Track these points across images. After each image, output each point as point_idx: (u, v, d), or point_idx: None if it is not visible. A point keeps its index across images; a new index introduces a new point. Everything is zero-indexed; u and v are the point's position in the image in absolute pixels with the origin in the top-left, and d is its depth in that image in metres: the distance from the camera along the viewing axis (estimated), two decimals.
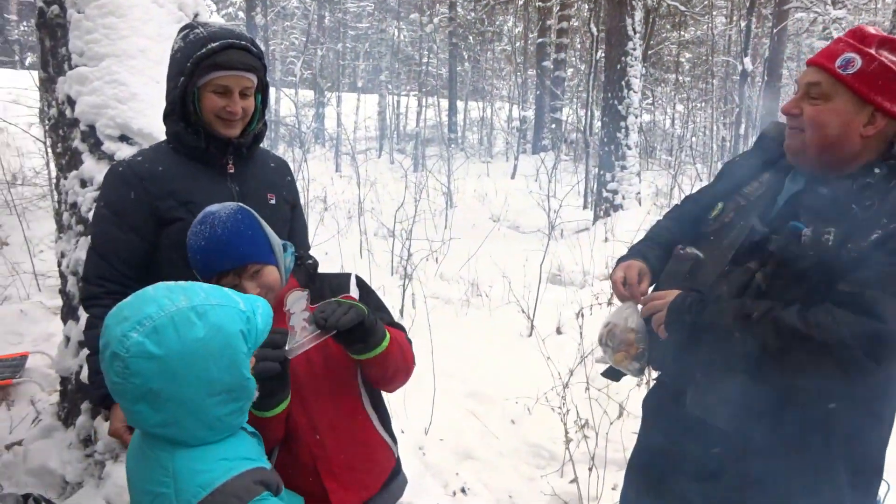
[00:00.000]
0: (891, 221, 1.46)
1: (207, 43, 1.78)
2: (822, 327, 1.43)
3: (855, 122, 1.55)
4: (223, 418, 1.29)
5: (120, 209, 1.86)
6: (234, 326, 1.26)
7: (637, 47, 9.74)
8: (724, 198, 1.82)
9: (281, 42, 24.44)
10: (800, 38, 20.35)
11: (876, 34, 1.57)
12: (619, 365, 1.82)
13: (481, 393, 4.16)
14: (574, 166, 16.28)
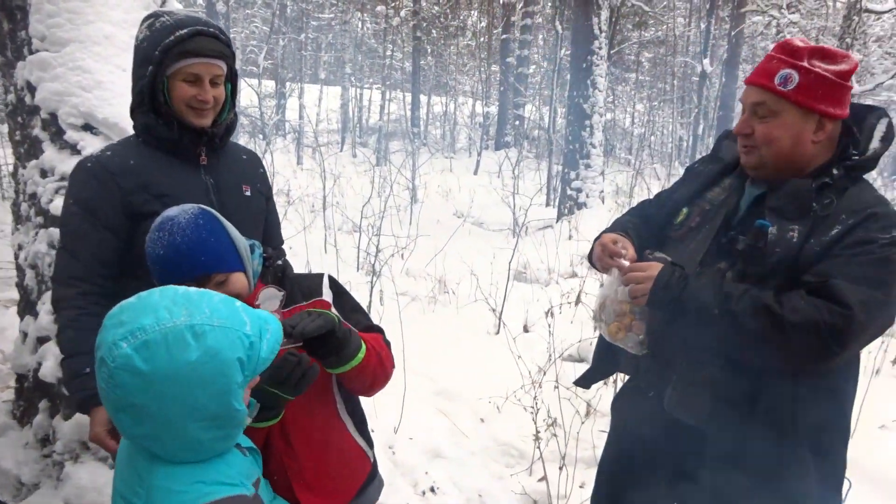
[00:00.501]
0: (849, 217, 1.57)
1: (175, 30, 1.73)
2: (796, 310, 1.52)
3: (805, 132, 1.65)
4: (205, 443, 1.22)
5: (91, 206, 1.79)
6: (231, 353, 1.18)
7: (603, 46, 9.84)
8: (687, 203, 1.89)
9: (242, 30, 23.95)
10: (755, 41, 20.85)
11: (804, 46, 1.66)
12: (615, 339, 1.80)
13: (451, 391, 4.15)
14: (536, 163, 16.39)
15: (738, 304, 1.56)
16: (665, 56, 21.84)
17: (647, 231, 1.98)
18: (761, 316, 1.54)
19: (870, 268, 1.53)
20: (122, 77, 2.81)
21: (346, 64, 22.00)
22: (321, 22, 23.97)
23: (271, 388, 1.46)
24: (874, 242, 1.54)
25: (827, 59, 1.65)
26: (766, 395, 1.64)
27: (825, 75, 1.62)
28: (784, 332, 1.52)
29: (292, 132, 18.29)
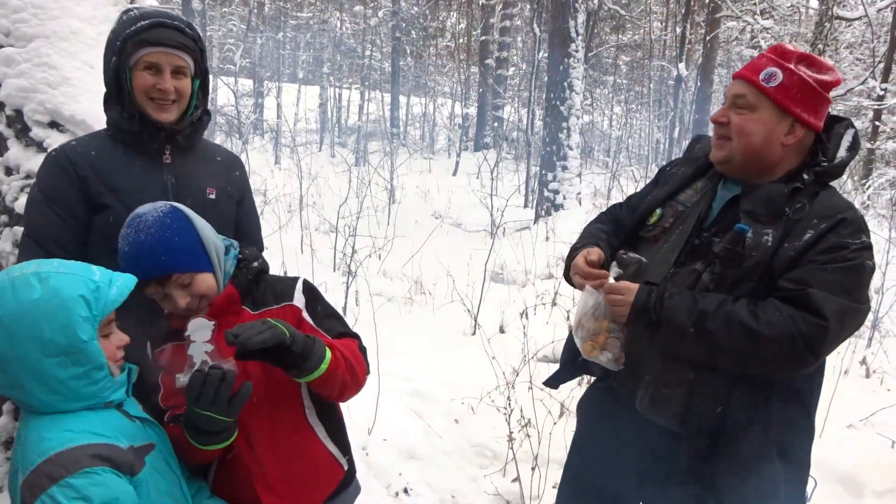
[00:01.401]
0: (821, 222, 1.62)
1: (138, 21, 1.74)
2: (772, 323, 1.56)
3: (777, 132, 1.70)
4: (67, 383, 1.30)
5: (53, 193, 1.78)
6: (73, 291, 1.30)
7: (580, 49, 9.90)
8: (661, 205, 1.92)
9: (219, 28, 23.73)
10: (730, 46, 21.16)
11: (795, 51, 1.72)
12: (590, 356, 1.80)
13: (425, 392, 4.14)
14: (515, 164, 16.45)
15: (714, 323, 1.59)
16: (642, 59, 22.07)
17: (618, 237, 2.00)
18: (737, 333, 1.57)
19: (843, 275, 1.57)
20: (90, 74, 2.76)
21: (325, 63, 21.90)
22: (299, 21, 23.85)
23: (203, 411, 1.42)
24: (846, 248, 1.58)
25: (813, 66, 1.71)
26: (738, 397, 1.67)
27: (807, 80, 1.68)
28: (760, 345, 1.56)
29: (269, 131, 18.16)
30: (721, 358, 1.63)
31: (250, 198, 2.13)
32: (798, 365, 1.59)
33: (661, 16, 22.18)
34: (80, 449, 1.28)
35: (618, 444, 1.92)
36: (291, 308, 1.70)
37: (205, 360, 1.46)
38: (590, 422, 2.09)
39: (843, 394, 4.12)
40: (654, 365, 1.77)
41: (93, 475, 1.25)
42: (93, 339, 1.32)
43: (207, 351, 1.48)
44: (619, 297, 1.72)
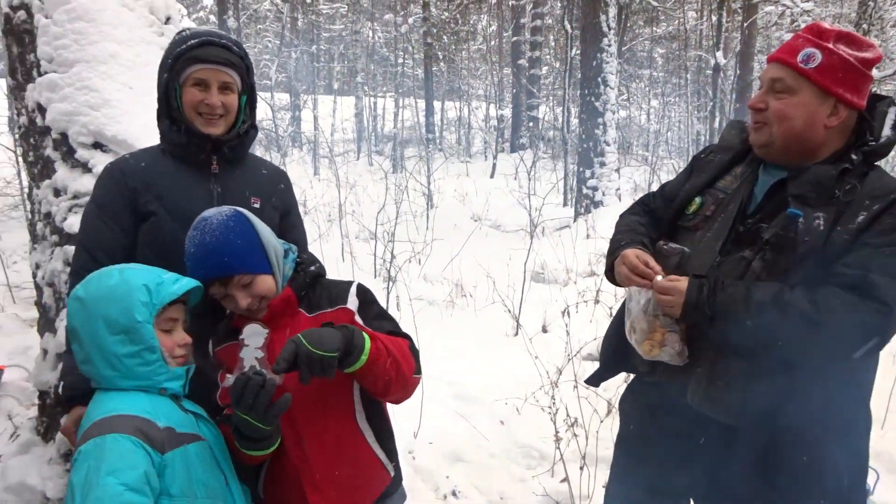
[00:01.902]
0: (873, 203, 1.56)
1: (188, 40, 1.84)
2: (834, 312, 1.50)
3: (819, 114, 1.64)
4: (123, 360, 1.49)
5: (104, 203, 1.89)
6: (140, 281, 1.52)
7: (612, 44, 9.79)
8: (699, 193, 1.86)
9: (254, 45, 24.21)
10: (769, 32, 20.61)
11: (832, 29, 1.65)
12: (651, 356, 1.75)
13: (469, 394, 4.13)
14: (553, 164, 16.33)
15: (772, 314, 1.54)
16: (678, 51, 21.67)
17: (656, 228, 1.96)
18: (797, 323, 1.52)
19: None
20: (129, 94, 2.85)
21: (359, 73, 22.14)
22: (332, 33, 24.16)
23: (242, 414, 1.47)
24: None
25: (853, 45, 1.65)
26: (795, 388, 1.60)
27: (848, 59, 1.62)
28: (822, 335, 1.51)
29: (307, 143, 18.42)
30: (781, 349, 1.57)
31: (296, 210, 2.18)
32: (866, 352, 1.54)
33: (695, 5, 21.77)
34: (123, 417, 1.43)
35: (669, 439, 1.86)
36: (345, 311, 1.73)
37: (252, 366, 1.50)
38: (636, 418, 2.02)
39: None
40: (706, 356, 1.70)
41: (118, 438, 1.39)
42: (147, 322, 1.50)
43: (258, 357, 1.52)
44: (669, 297, 1.67)
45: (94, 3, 2.95)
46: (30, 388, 3.92)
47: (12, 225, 7.76)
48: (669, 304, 1.68)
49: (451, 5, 23.21)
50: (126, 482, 1.33)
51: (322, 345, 1.46)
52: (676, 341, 1.72)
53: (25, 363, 4.20)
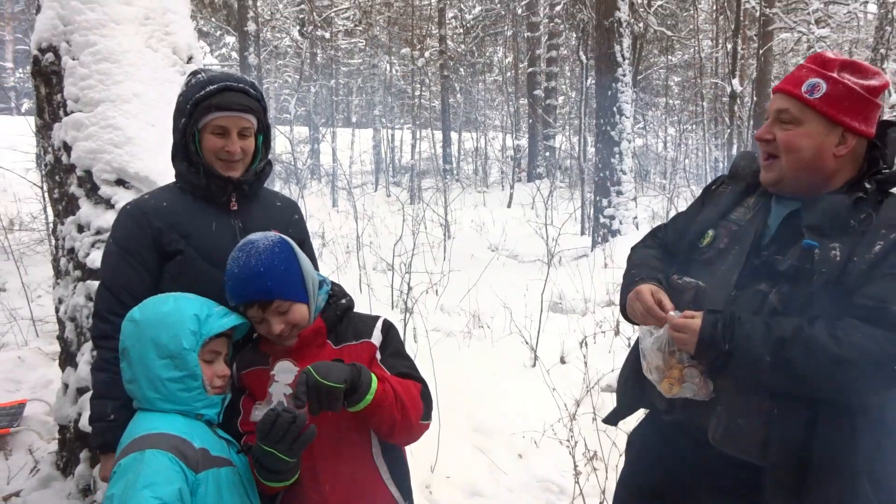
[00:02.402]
0: (890, 232, 1.53)
1: (206, 86, 1.86)
2: (856, 346, 1.46)
3: (827, 144, 1.63)
4: (166, 383, 1.57)
5: (127, 244, 1.91)
6: (191, 310, 1.61)
7: (627, 73, 9.85)
8: (712, 225, 1.84)
9: (274, 80, 24.69)
10: (786, 58, 20.62)
11: (836, 58, 1.64)
12: (671, 394, 1.71)
13: (487, 427, 4.09)
14: (570, 193, 16.34)
15: (792, 350, 1.50)
16: (694, 79, 21.73)
17: (670, 262, 1.93)
18: (819, 359, 1.48)
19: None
20: (152, 132, 2.93)
21: (377, 106, 22.44)
22: (351, 67, 24.57)
23: (268, 447, 1.50)
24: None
25: (858, 73, 1.63)
26: (821, 424, 1.55)
27: (853, 88, 1.61)
28: (845, 371, 1.47)
29: (326, 175, 18.63)
30: (803, 386, 1.53)
31: (309, 240, 2.23)
32: (889, 386, 1.51)
33: (710, 33, 21.87)
34: (161, 435, 1.50)
35: (690, 480, 1.79)
36: (369, 345, 1.76)
37: (280, 402, 1.54)
38: (651, 455, 1.95)
39: None
40: (726, 393, 1.66)
41: (157, 454, 1.45)
42: (193, 350, 1.58)
43: (286, 393, 1.56)
44: (683, 335, 1.62)
45: (119, 45, 3.04)
46: (50, 421, 3.96)
47: (37, 259, 7.91)
48: (683, 341, 1.64)
49: (467, 38, 23.55)
50: (161, 496, 1.39)
51: (328, 376, 1.50)
52: (696, 375, 1.67)
53: (47, 397, 4.25)
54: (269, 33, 21.13)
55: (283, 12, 21.91)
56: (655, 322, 1.72)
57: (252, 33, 16.14)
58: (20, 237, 8.62)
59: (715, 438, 1.66)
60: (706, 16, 21.22)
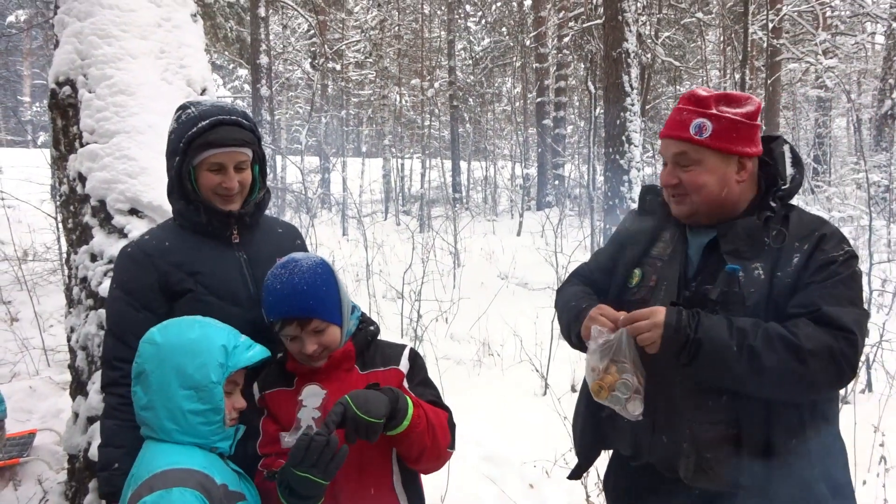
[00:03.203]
0: (803, 244, 1.65)
1: (198, 122, 1.82)
2: (811, 337, 1.53)
3: (728, 174, 1.72)
4: (188, 415, 1.51)
5: (131, 288, 1.87)
6: (220, 340, 1.55)
7: (635, 102, 9.92)
8: (637, 264, 1.87)
9: (286, 111, 25.04)
10: (794, 88, 20.71)
11: (709, 94, 1.73)
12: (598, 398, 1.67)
13: (497, 456, 4.05)
14: (579, 221, 16.35)
15: (755, 339, 1.54)
16: None
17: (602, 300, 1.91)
18: (780, 348, 1.53)
19: (844, 288, 1.60)
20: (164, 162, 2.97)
21: (386, 136, 22.67)
22: (361, 98, 24.89)
23: (302, 473, 1.48)
24: (835, 262, 1.62)
25: (733, 103, 1.72)
26: (780, 438, 1.61)
27: (735, 118, 1.70)
28: (804, 361, 1.52)
29: (336, 205, 18.76)
30: (765, 379, 1.54)
31: None
32: (841, 380, 1.58)
33: (718, 64, 22.03)
34: (186, 471, 1.46)
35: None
36: (396, 372, 1.79)
37: (310, 426, 1.57)
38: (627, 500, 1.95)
39: None
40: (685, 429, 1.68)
41: (185, 493, 1.41)
42: (220, 383, 1.53)
43: (315, 417, 1.58)
44: (645, 322, 1.60)
45: (134, 78, 3.11)
46: (60, 451, 3.96)
47: (50, 289, 7.97)
48: (648, 338, 1.60)
49: (476, 69, 23.83)
50: None
51: (369, 412, 1.51)
52: (629, 391, 1.63)
53: (58, 426, 4.25)
54: (281, 66, 21.49)
55: (295, 45, 22.31)
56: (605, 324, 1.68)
57: (264, 66, 16.42)
58: (34, 267, 8.71)
59: (688, 477, 1.69)
60: (714, 46, 21.39)
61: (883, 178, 11.20)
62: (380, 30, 22.76)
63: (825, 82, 15.85)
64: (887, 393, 4.74)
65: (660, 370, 1.67)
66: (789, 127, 22.56)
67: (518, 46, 22.19)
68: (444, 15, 23.16)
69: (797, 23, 17.33)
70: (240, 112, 1.90)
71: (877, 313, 5.49)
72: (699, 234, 1.81)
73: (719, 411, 1.66)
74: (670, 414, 1.70)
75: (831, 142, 21.17)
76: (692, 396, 1.68)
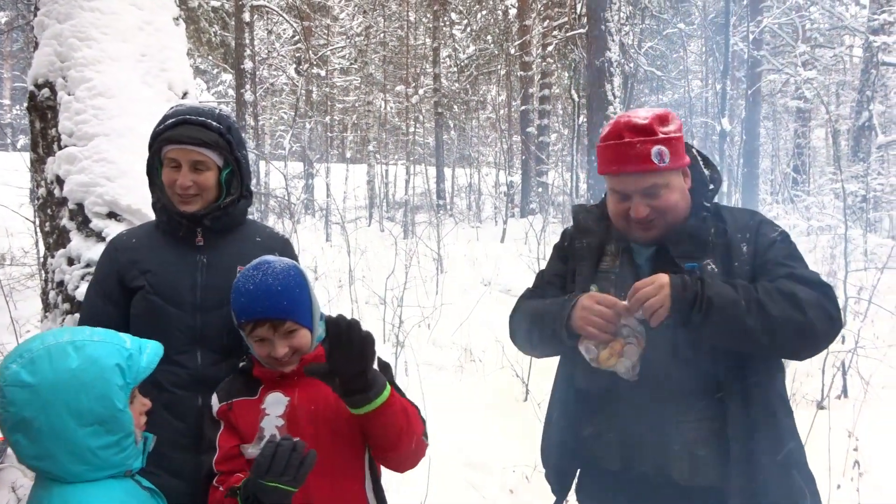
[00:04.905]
0: (745, 233, 1.76)
1: (167, 119, 1.86)
2: (801, 290, 1.61)
3: (684, 187, 1.82)
4: (98, 452, 1.31)
5: (99, 279, 1.93)
6: (110, 360, 1.33)
7: (617, 111, 10.02)
8: (592, 280, 1.88)
9: (270, 117, 24.96)
10: (774, 99, 21.00)
11: (648, 119, 1.74)
12: (607, 364, 1.68)
13: (478, 462, 4.05)
14: (563, 228, 16.42)
15: (759, 293, 1.60)
16: (684, 118, 22.06)
17: None
18: (781, 299, 1.59)
19: (795, 259, 1.73)
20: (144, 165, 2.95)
21: (371, 142, 22.67)
22: (346, 104, 24.89)
23: (271, 483, 1.44)
24: (777, 241, 1.75)
25: (665, 122, 1.76)
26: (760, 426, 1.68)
27: (676, 136, 1.76)
28: (804, 311, 1.58)
29: (320, 210, 18.72)
30: (776, 331, 1.57)
31: None
32: (832, 328, 1.63)
33: (699, 74, 22.28)
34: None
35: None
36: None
37: (274, 434, 1.52)
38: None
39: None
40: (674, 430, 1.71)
41: None
42: (126, 406, 1.35)
43: (278, 425, 1.54)
44: (650, 287, 1.60)
45: (115, 81, 3.09)
46: None
47: (27, 294, 7.86)
48: (655, 301, 1.59)
49: (461, 77, 23.93)
50: None
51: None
52: (634, 354, 1.67)
53: None
54: (266, 71, 21.43)
55: (280, 51, 22.26)
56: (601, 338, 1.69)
57: (249, 71, 16.37)
58: (11, 272, 8.59)
59: (684, 478, 1.72)
60: (695, 57, 21.65)
61: (860, 189, 11.40)
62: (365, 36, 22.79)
63: (804, 93, 16.11)
64: (862, 399, 4.81)
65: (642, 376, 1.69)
66: (769, 137, 22.86)
67: (503, 54, 22.32)
68: (430, 22, 23.24)
69: (777, 35, 17.59)
70: (213, 115, 1.88)
71: (853, 321, 5.57)
72: (643, 243, 1.84)
73: (703, 408, 1.70)
74: (658, 418, 1.72)
75: (810, 152, 21.47)
76: (676, 397, 1.72)
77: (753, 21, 14.33)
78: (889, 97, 19.06)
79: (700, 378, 1.71)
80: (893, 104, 19.37)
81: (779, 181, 21.08)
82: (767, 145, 22.35)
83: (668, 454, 1.73)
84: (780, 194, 19.57)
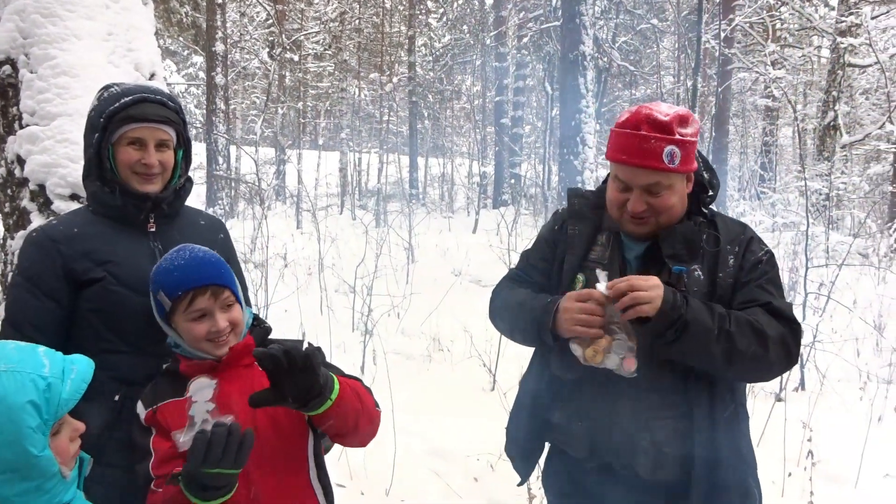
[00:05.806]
0: (733, 247, 1.78)
1: (121, 98, 1.77)
2: (770, 325, 1.66)
3: (685, 191, 1.82)
4: (13, 500, 1.14)
5: (33, 275, 1.76)
6: (20, 397, 1.13)
7: (590, 105, 10.09)
8: (579, 269, 1.89)
9: (242, 101, 24.61)
10: (743, 96, 21.35)
11: (668, 117, 1.72)
12: (593, 361, 1.71)
13: (443, 450, 4.09)
14: (534, 220, 16.52)
15: (731, 324, 1.63)
16: None
17: None
18: (749, 334, 1.63)
19: (774, 284, 1.77)
20: None
21: (344, 130, 22.50)
22: (319, 90, 24.65)
23: (210, 470, 1.39)
24: (762, 262, 1.77)
25: (685, 124, 1.75)
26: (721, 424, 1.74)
27: (692, 141, 1.75)
28: (768, 347, 1.64)
29: (291, 197, 18.54)
30: (735, 361, 1.64)
31: (236, 259, 2.12)
32: (788, 363, 1.72)
33: (672, 70, 22.53)
34: None
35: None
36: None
37: (205, 420, 1.45)
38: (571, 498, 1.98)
39: (879, 442, 3.99)
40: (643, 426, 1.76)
41: None
42: (45, 448, 1.16)
43: (209, 410, 1.48)
44: (645, 292, 1.62)
45: (79, 60, 3.02)
46: None
47: None
48: (645, 297, 1.61)
49: (436, 66, 23.85)
50: None
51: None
52: (622, 348, 1.69)
53: None
54: (238, 54, 21.11)
55: (253, 34, 21.93)
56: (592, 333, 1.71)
57: (220, 53, 16.09)
58: None
59: (647, 472, 1.76)
60: (668, 53, 21.87)
61: (823, 187, 11.68)
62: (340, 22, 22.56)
63: (773, 92, 16.39)
64: (818, 391, 4.95)
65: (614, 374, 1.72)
66: (738, 134, 23.24)
67: (478, 45, 22.29)
68: (406, 10, 23.09)
69: (748, 33, 17.86)
70: (166, 94, 1.86)
71: (812, 315, 5.72)
72: (635, 238, 1.85)
73: (672, 407, 1.75)
74: (630, 413, 1.76)
75: (777, 150, 21.87)
76: (650, 395, 1.75)
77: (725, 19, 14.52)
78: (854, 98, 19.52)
79: (673, 378, 1.74)
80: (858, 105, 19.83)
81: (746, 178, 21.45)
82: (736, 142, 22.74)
83: (636, 449, 1.76)
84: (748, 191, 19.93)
